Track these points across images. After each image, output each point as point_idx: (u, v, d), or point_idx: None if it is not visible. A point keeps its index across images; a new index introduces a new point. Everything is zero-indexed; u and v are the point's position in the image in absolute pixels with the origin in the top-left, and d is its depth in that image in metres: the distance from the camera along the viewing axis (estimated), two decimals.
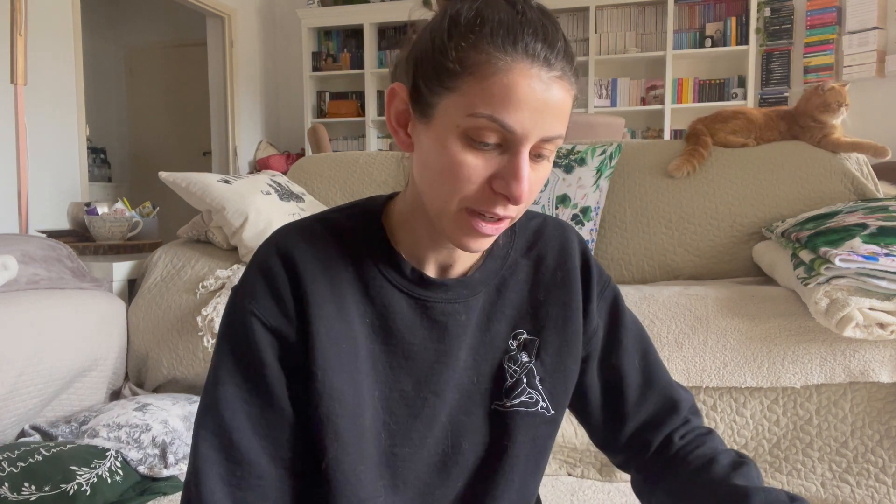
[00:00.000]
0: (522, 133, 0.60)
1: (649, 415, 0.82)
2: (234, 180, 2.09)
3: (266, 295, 0.68)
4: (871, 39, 4.30)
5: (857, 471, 1.43)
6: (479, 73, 0.59)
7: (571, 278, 0.77)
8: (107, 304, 1.86)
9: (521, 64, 0.59)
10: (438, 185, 0.64)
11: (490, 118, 0.59)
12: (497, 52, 0.59)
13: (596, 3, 4.90)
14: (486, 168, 0.62)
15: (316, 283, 0.68)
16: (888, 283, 1.35)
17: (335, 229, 0.72)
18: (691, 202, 2.03)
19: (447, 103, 0.61)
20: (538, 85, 0.59)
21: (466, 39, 0.60)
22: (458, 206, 0.63)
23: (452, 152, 0.61)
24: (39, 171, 3.69)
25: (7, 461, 1.33)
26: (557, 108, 0.61)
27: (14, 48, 2.20)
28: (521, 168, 0.61)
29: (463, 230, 0.65)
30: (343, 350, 0.69)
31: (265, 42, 5.80)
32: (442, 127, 0.62)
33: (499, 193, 0.62)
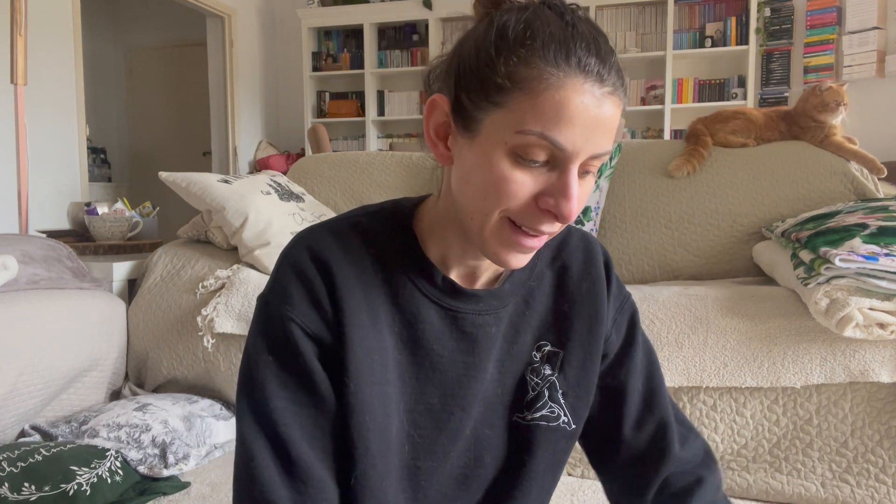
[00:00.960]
0: (573, 151, 0.58)
1: (646, 444, 0.79)
2: (234, 180, 2.09)
3: (304, 301, 0.66)
4: (871, 39, 4.30)
5: (857, 471, 1.43)
6: (530, 88, 0.57)
7: (597, 290, 0.76)
8: (107, 304, 1.86)
9: (573, 80, 0.57)
10: (481, 200, 0.62)
11: (541, 135, 0.57)
12: (549, 66, 0.57)
13: (596, 3, 4.90)
14: (533, 185, 0.60)
15: (350, 290, 0.67)
16: (888, 283, 1.35)
17: (367, 234, 0.70)
18: (691, 202, 2.03)
19: (494, 119, 0.59)
20: (591, 101, 0.57)
21: (516, 54, 0.58)
22: (500, 216, 0.62)
23: (499, 169, 0.59)
24: (39, 171, 3.69)
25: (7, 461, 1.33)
26: (608, 125, 0.59)
27: (14, 48, 2.20)
28: (571, 186, 0.59)
29: (504, 244, 0.63)
30: (375, 361, 0.67)
31: (265, 42, 5.80)
32: (488, 143, 0.60)
33: (545, 210, 0.60)
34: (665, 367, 1.50)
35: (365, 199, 2.37)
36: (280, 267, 0.69)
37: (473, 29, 0.64)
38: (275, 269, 0.70)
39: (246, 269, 1.92)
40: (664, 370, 1.49)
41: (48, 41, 3.84)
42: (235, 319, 1.77)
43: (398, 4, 5.28)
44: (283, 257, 0.69)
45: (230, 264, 1.97)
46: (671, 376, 1.49)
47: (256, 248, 1.93)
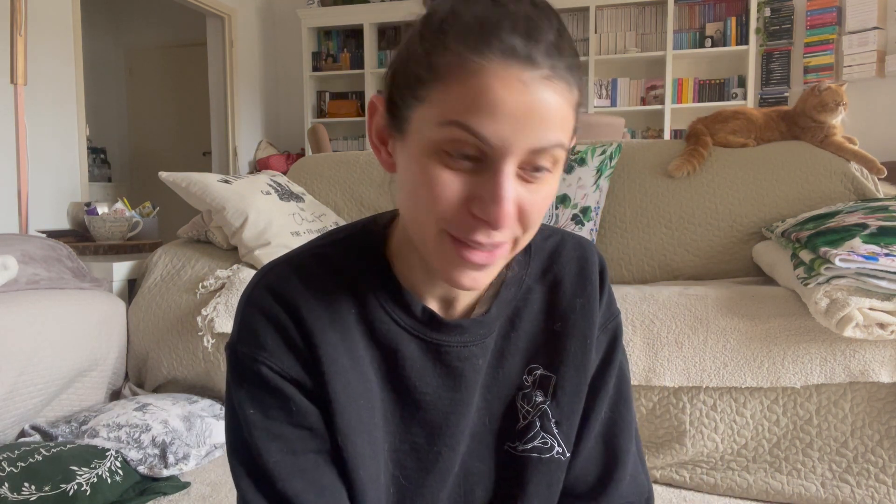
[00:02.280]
0: (501, 145, 0.51)
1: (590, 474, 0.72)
2: (234, 180, 2.09)
3: (278, 346, 0.61)
4: (871, 39, 4.30)
5: (857, 471, 1.43)
6: (450, 78, 0.51)
7: (591, 307, 0.69)
8: (107, 304, 1.86)
9: (495, 64, 0.50)
10: (414, 207, 0.56)
11: (462, 126, 0.51)
12: (469, 52, 0.51)
13: (596, 3, 4.90)
14: (462, 186, 0.53)
15: (324, 331, 0.61)
16: (888, 283, 1.35)
17: (334, 266, 0.63)
18: (691, 202, 2.03)
19: (419, 115, 0.54)
20: (517, 87, 0.50)
21: (437, 41, 0.52)
22: (437, 228, 0.55)
23: (424, 169, 0.53)
24: (39, 171, 3.69)
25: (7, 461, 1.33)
26: (547, 114, 0.51)
27: (14, 48, 2.20)
28: (501, 186, 0.52)
29: (449, 261, 0.56)
30: (362, 407, 0.63)
31: (265, 42, 5.80)
32: (415, 142, 0.54)
33: (477, 217, 0.53)
34: (665, 367, 1.50)
35: (365, 200, 2.37)
36: (244, 311, 0.62)
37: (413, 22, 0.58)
38: (238, 313, 0.63)
39: (246, 269, 1.92)
40: (664, 370, 1.49)
41: (48, 41, 3.84)
42: None
43: (398, 4, 5.28)
44: (245, 300, 0.63)
45: (230, 264, 1.97)
46: (671, 376, 1.49)
47: (256, 248, 1.93)
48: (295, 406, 0.61)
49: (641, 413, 1.55)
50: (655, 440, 1.55)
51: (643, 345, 1.52)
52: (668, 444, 1.53)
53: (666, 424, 1.53)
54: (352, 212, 2.37)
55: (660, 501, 1.48)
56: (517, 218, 0.54)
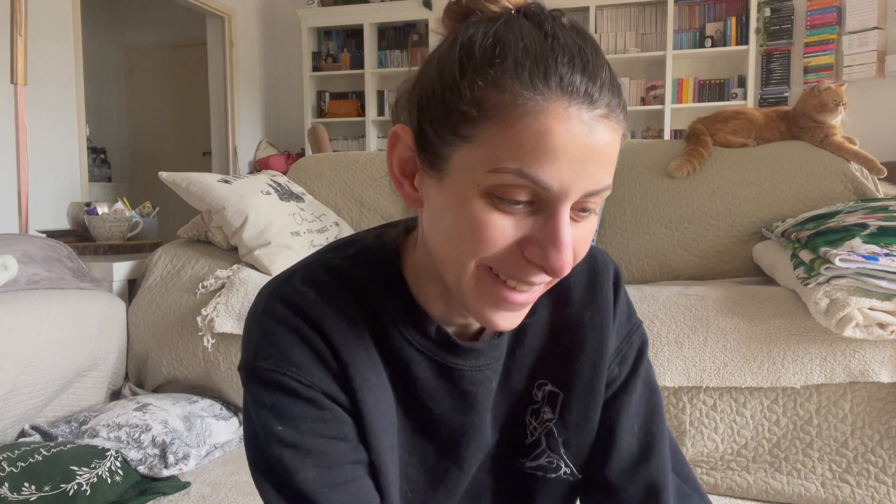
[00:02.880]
0: (561, 189, 0.47)
1: (635, 499, 0.67)
2: (234, 180, 2.09)
3: (308, 359, 0.56)
4: (871, 39, 4.30)
5: (857, 471, 1.43)
6: (503, 117, 0.47)
7: (603, 319, 0.65)
8: (107, 304, 1.86)
9: (555, 103, 0.47)
10: (455, 249, 0.51)
11: (519, 173, 0.47)
12: (524, 89, 0.47)
13: (596, 3, 4.90)
14: (515, 230, 0.49)
15: (350, 347, 0.58)
16: (888, 283, 1.35)
17: (349, 282, 0.60)
18: (691, 202, 2.03)
19: (463, 155, 0.49)
20: (579, 128, 0.47)
21: (484, 75, 0.48)
22: (475, 266, 0.51)
23: (473, 212, 0.49)
24: (39, 171, 3.69)
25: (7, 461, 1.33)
26: (605, 156, 0.48)
27: (14, 48, 2.20)
28: (562, 233, 0.49)
29: (487, 302, 0.52)
30: (388, 424, 0.60)
31: (265, 42, 5.80)
32: (458, 184, 0.50)
33: (532, 262, 0.50)
34: (665, 366, 1.50)
35: (365, 200, 2.37)
36: (262, 325, 0.58)
37: (438, 47, 0.53)
38: (253, 329, 0.59)
39: (246, 269, 1.92)
40: (664, 370, 1.49)
41: (48, 41, 3.84)
42: (235, 319, 1.77)
43: (398, 4, 5.28)
44: (259, 314, 0.59)
45: (230, 264, 1.97)
46: (671, 376, 1.49)
47: (256, 248, 1.93)
48: (331, 415, 0.57)
49: None
50: None
51: None
52: None
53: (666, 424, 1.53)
54: (352, 212, 2.37)
55: None
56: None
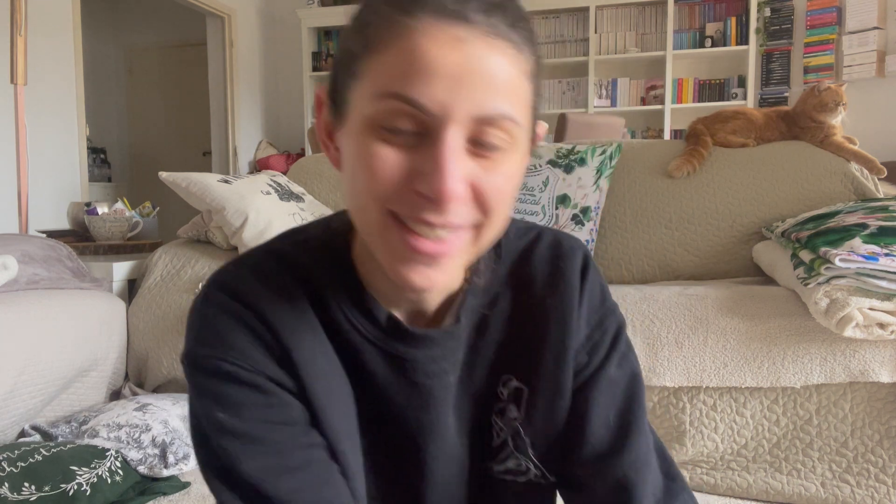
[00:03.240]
0: (439, 111, 0.46)
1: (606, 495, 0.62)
2: (234, 180, 2.09)
3: (249, 344, 0.54)
4: (871, 39, 4.30)
5: (857, 471, 1.43)
6: (381, 46, 0.47)
7: (566, 306, 0.61)
8: (107, 304, 1.86)
9: (425, 23, 0.46)
10: (356, 192, 0.50)
11: (396, 96, 0.46)
12: (395, 13, 0.47)
13: (596, 3, 4.90)
14: (404, 161, 0.48)
15: (295, 332, 0.55)
16: (888, 283, 1.35)
17: (292, 266, 0.58)
18: (691, 202, 2.03)
19: (356, 94, 0.49)
20: (452, 44, 0.46)
21: (367, 10, 0.49)
22: (381, 212, 0.49)
23: (362, 147, 0.48)
24: (39, 171, 3.68)
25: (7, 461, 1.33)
26: (490, 76, 0.46)
27: (14, 48, 2.20)
28: (443, 156, 0.46)
29: (397, 253, 0.50)
30: (344, 414, 0.58)
31: (265, 42, 5.79)
32: (353, 123, 0.50)
33: (423, 196, 0.47)
34: (665, 367, 1.50)
35: None
36: (200, 314, 0.56)
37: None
38: (193, 318, 0.56)
39: None
40: (664, 370, 1.49)
41: (48, 41, 3.84)
42: None
43: None
44: (201, 303, 0.56)
45: None
46: (671, 376, 1.49)
47: None
48: (276, 400, 0.54)
49: None
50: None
51: (643, 345, 1.52)
52: (668, 444, 1.53)
53: (666, 424, 1.53)
54: None
55: None
56: (473, 199, 0.49)
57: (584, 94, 5.04)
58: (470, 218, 0.50)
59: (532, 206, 1.87)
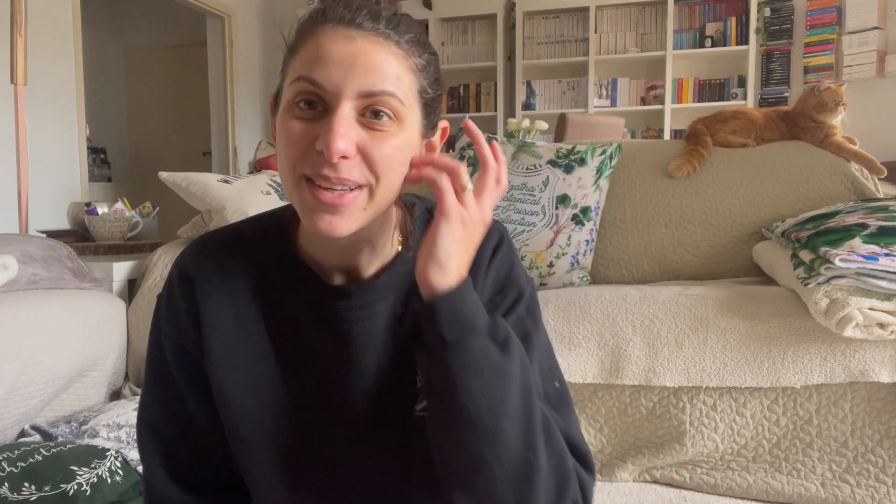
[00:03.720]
0: (333, 89, 0.61)
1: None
2: (234, 180, 2.09)
3: (170, 314, 0.73)
4: (871, 39, 4.30)
5: (857, 471, 1.43)
6: (297, 47, 0.64)
7: (476, 273, 0.71)
8: (107, 304, 1.86)
9: (324, 27, 0.62)
10: (280, 164, 0.65)
11: (301, 78, 0.61)
12: (308, 24, 0.64)
13: (596, 3, 4.90)
14: (308, 130, 0.62)
15: (211, 298, 0.71)
16: (888, 283, 1.35)
17: (242, 240, 0.74)
18: (691, 202, 2.03)
19: (285, 86, 0.65)
20: (343, 41, 0.61)
21: (297, 27, 0.66)
22: (296, 177, 0.63)
23: (282, 124, 0.63)
24: (39, 171, 3.68)
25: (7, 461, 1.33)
26: (372, 63, 0.61)
27: (14, 48, 2.20)
28: (334, 121, 0.60)
29: (308, 206, 0.63)
30: (242, 362, 0.71)
31: (265, 42, 5.80)
32: (281, 108, 0.65)
33: (321, 154, 0.61)
34: (665, 366, 1.50)
35: None
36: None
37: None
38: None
39: None
40: (664, 370, 1.49)
41: (48, 41, 3.84)
42: None
43: (398, 4, 5.28)
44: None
45: None
46: (671, 376, 1.49)
47: None
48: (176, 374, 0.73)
49: (641, 413, 1.55)
50: (655, 440, 1.55)
51: (643, 345, 1.52)
52: (668, 444, 1.53)
53: (666, 424, 1.53)
54: None
55: (660, 501, 1.48)
56: (363, 162, 0.62)
57: (584, 94, 5.04)
58: (362, 178, 0.62)
59: (532, 206, 1.87)
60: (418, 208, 0.76)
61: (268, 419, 0.71)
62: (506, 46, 5.16)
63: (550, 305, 1.63)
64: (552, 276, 1.84)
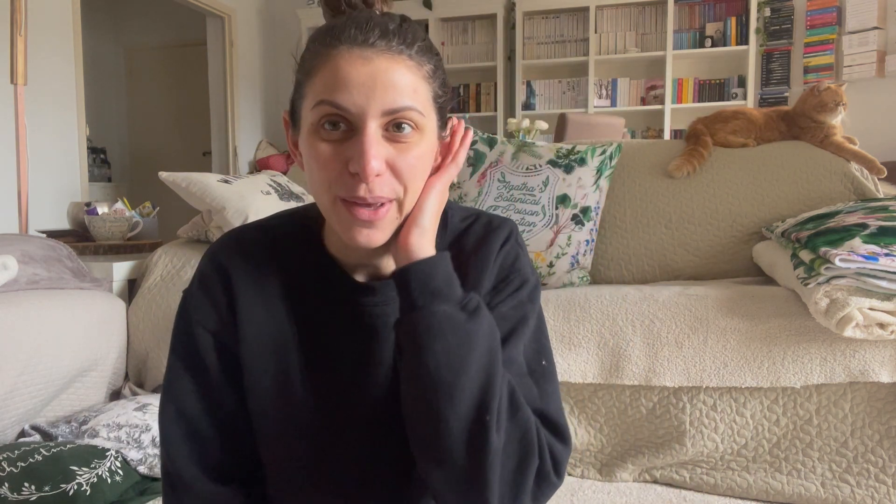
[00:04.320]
0: (358, 111, 0.63)
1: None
2: (234, 180, 2.09)
3: (205, 301, 0.75)
4: (871, 39, 4.30)
5: (857, 471, 1.43)
6: (313, 70, 0.65)
7: (484, 264, 0.76)
8: (107, 304, 1.86)
9: (339, 49, 0.64)
10: (312, 183, 0.67)
11: (325, 102, 0.63)
12: (321, 47, 0.65)
13: (596, 3, 4.90)
14: (340, 152, 0.64)
15: (245, 288, 0.74)
16: (888, 283, 1.35)
17: (269, 236, 0.77)
18: (691, 202, 2.03)
19: (303, 109, 0.67)
20: (360, 62, 0.63)
21: (307, 49, 0.68)
22: (331, 197, 0.65)
23: (311, 147, 0.65)
24: (39, 171, 3.68)
25: (7, 461, 1.33)
26: (392, 81, 0.63)
27: (14, 48, 2.20)
28: (364, 142, 0.62)
29: (345, 223, 0.66)
30: (272, 353, 0.74)
31: (265, 42, 5.79)
32: (304, 130, 0.67)
33: (356, 175, 0.63)
34: (665, 366, 1.50)
35: None
36: (195, 270, 0.78)
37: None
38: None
39: None
40: (664, 370, 1.49)
41: (48, 41, 3.84)
42: None
43: (398, 4, 5.23)
44: (199, 262, 0.78)
45: None
46: (671, 376, 1.49)
47: None
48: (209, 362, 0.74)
49: (641, 413, 1.55)
50: (655, 440, 1.55)
51: (643, 345, 1.52)
52: (668, 444, 1.53)
53: (666, 424, 1.53)
54: None
55: (660, 501, 1.48)
56: (393, 175, 0.65)
57: (584, 94, 5.04)
58: (392, 192, 0.65)
59: (532, 206, 1.87)
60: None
61: (295, 410, 0.73)
62: (506, 46, 5.16)
63: (550, 305, 1.63)
64: (552, 276, 1.84)
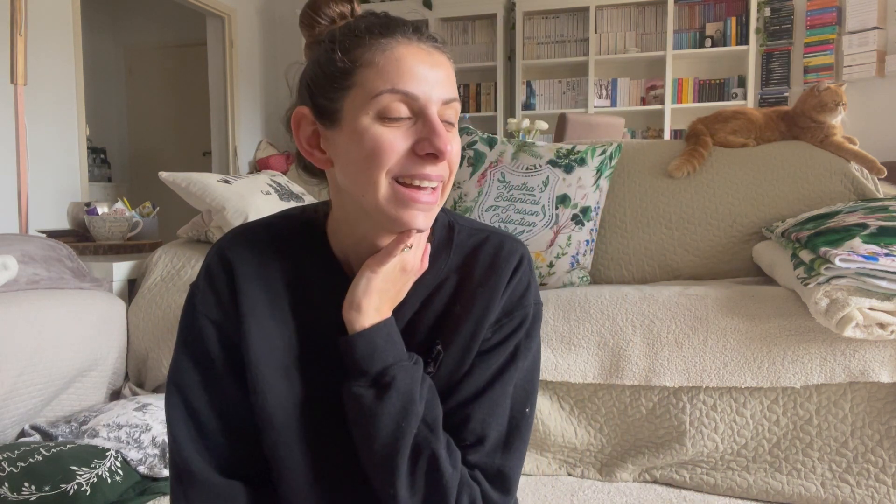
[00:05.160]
0: (425, 96, 0.66)
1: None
2: (234, 180, 2.09)
3: (210, 294, 0.76)
4: (871, 39, 4.30)
5: (857, 471, 1.43)
6: (369, 59, 0.66)
7: (493, 295, 0.76)
8: (107, 304, 1.86)
9: (401, 41, 0.67)
10: (365, 171, 0.67)
11: (393, 91, 0.65)
12: (378, 38, 0.67)
13: (596, 3, 4.90)
14: (405, 139, 0.66)
15: (249, 283, 0.75)
16: (888, 283, 1.35)
17: (274, 233, 0.79)
18: (691, 202, 2.03)
19: (351, 99, 0.67)
20: (422, 53, 0.67)
21: (349, 41, 0.68)
22: (389, 182, 0.67)
23: (370, 135, 0.66)
24: (39, 171, 3.68)
25: (7, 461, 1.33)
26: (446, 72, 0.69)
27: (14, 48, 2.20)
28: (436, 124, 0.66)
29: (401, 206, 0.67)
30: (275, 346, 0.75)
31: (265, 42, 5.79)
32: (354, 122, 0.67)
33: (425, 155, 0.66)
34: (665, 366, 1.50)
35: None
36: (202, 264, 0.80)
37: (307, 46, 0.75)
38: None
39: None
40: (664, 370, 1.49)
41: (48, 41, 3.84)
42: None
43: (398, 4, 5.28)
44: (206, 256, 0.79)
45: None
46: (671, 376, 1.49)
47: None
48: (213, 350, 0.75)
49: (641, 413, 1.55)
50: (655, 440, 1.55)
51: (643, 345, 1.52)
52: (668, 444, 1.53)
53: (666, 424, 1.53)
54: None
55: (660, 501, 1.48)
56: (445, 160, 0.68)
57: (584, 94, 5.04)
58: (444, 174, 0.69)
59: (532, 206, 1.87)
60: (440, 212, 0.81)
61: (296, 404, 0.75)
62: (506, 46, 5.16)
63: (550, 305, 1.63)
64: (552, 276, 1.84)
